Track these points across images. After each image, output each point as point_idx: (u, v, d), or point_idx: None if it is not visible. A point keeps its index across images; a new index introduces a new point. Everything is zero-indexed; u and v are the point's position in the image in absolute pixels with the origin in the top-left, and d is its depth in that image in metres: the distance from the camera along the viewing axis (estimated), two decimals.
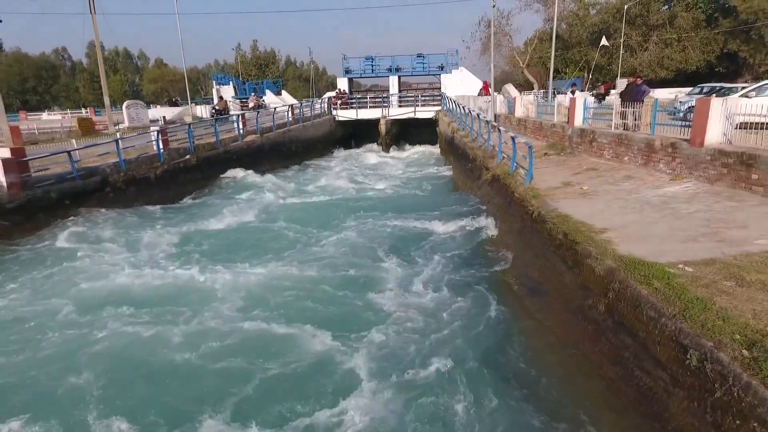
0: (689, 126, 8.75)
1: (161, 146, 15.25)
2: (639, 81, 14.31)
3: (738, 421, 3.23)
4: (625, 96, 14.10)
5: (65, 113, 50.07)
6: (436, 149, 28.39)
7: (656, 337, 4.26)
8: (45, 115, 48.77)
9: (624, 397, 4.49)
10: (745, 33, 38.20)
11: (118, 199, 13.28)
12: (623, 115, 12.20)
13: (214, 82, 43.78)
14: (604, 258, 5.55)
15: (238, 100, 40.37)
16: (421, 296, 7.74)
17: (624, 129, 11.86)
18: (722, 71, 43.40)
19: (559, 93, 28.37)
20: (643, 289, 4.66)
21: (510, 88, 24.93)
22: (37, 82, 72.53)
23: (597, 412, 4.68)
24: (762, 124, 7.74)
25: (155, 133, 15.14)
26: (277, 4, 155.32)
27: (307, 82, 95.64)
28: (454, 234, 10.80)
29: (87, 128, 24.03)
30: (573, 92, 14.76)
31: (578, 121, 13.04)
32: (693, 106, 18.92)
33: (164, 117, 30.35)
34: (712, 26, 41.37)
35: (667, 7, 44.62)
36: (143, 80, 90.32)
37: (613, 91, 30.05)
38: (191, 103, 32.15)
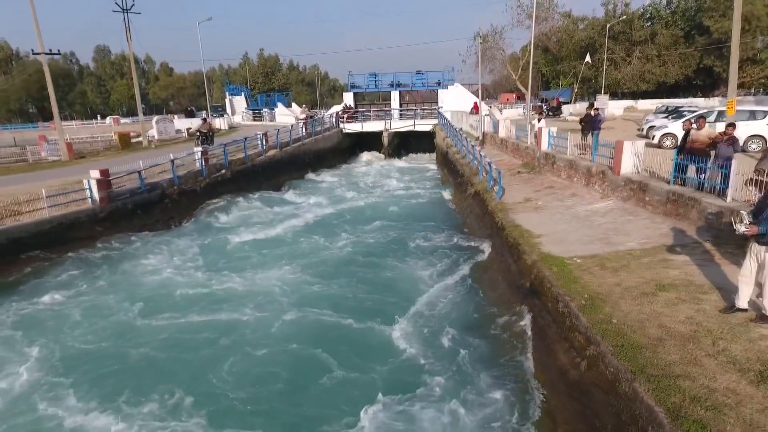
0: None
1: (203, 164, 18.51)
2: (596, 111, 17.57)
3: (573, 334, 6.45)
4: (584, 125, 17.35)
5: (89, 123, 53.21)
6: (433, 160, 31.69)
7: (549, 298, 7.47)
8: (75, 126, 51.84)
9: (530, 332, 7.73)
10: (718, 50, 41.50)
11: (175, 207, 16.52)
12: (583, 147, 15.28)
13: (227, 93, 46.98)
14: (532, 254, 8.78)
15: (251, 111, 43.57)
16: (425, 283, 10.92)
17: (581, 153, 14.95)
18: (699, 84, 46.72)
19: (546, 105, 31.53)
20: (547, 272, 7.88)
21: (495, 111, 28.23)
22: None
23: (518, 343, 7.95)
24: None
25: (199, 153, 18.37)
26: (281, 5, 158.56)
27: (309, 86, 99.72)
28: (449, 237, 14.01)
29: (126, 142, 27.30)
30: (539, 120, 17.94)
31: (544, 145, 16.24)
32: (654, 126, 22.10)
33: (188, 129, 33.59)
34: (689, 43, 44.68)
35: (649, 23, 47.93)
36: (152, 86, 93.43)
37: (565, 107, 33.34)
38: (212, 115, 35.23)
